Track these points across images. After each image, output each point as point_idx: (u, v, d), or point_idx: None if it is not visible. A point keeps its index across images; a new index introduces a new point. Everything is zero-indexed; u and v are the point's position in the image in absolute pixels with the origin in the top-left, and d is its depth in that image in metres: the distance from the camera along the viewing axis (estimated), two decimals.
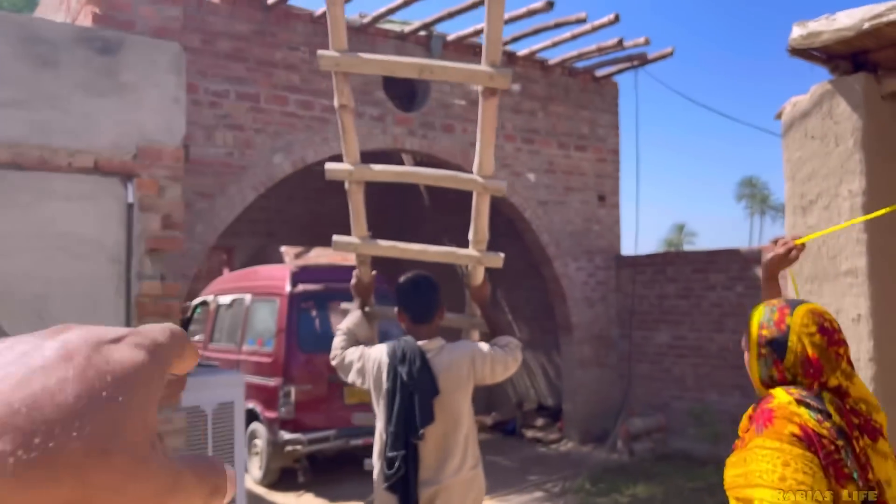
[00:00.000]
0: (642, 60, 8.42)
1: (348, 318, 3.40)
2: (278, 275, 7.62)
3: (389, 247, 3.43)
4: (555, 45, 8.04)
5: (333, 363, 3.25)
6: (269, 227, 12.14)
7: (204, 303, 9.09)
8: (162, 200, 4.16)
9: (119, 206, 4.04)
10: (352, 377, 3.17)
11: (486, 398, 11.00)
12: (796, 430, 1.48)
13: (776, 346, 1.62)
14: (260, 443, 7.28)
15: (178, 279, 6.28)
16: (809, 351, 1.59)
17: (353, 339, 3.30)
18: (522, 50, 8.47)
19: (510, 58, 8.52)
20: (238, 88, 6.72)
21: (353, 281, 3.43)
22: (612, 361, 9.28)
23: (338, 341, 3.27)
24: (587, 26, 7.72)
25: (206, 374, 5.02)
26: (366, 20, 7.37)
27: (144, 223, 4.08)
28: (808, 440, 1.46)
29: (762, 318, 1.67)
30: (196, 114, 6.48)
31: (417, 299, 3.15)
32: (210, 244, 6.54)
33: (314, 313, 7.43)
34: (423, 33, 7.83)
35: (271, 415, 7.08)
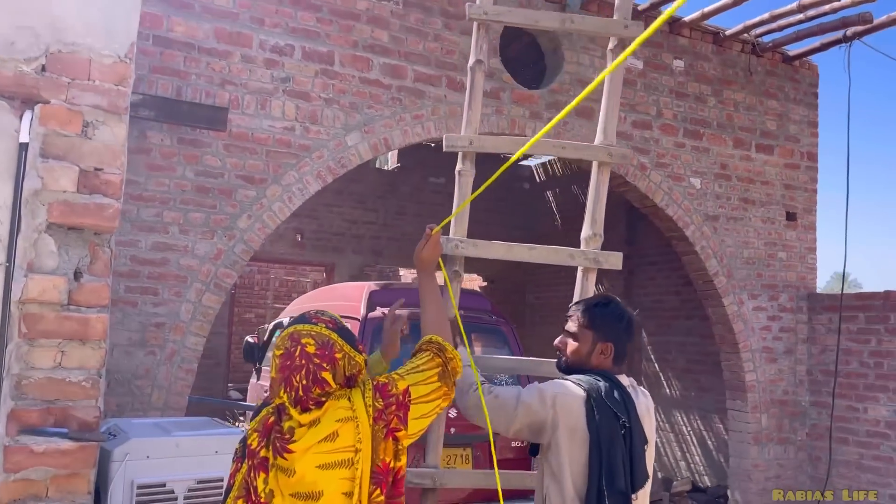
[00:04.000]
0: (865, 25, 6.06)
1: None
2: (354, 294, 5.89)
3: (494, 247, 2.82)
4: (724, 7, 5.87)
5: (462, 403, 2.37)
6: (375, 245, 10.58)
7: (281, 325, 7.54)
8: (86, 144, 2.49)
9: (6, 146, 2.41)
10: (515, 426, 2.29)
11: None
12: None
13: None
14: None
15: (211, 290, 4.71)
16: (272, 371, 1.88)
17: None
18: (691, 14, 6.39)
19: (672, 25, 6.46)
20: (306, 45, 5.11)
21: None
22: (801, 439, 6.82)
23: (470, 374, 2.39)
24: None
25: (181, 429, 3.30)
26: None
27: (47, 178, 2.42)
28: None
29: None
30: (246, 73, 4.91)
31: (630, 336, 2.44)
32: (256, 245, 4.91)
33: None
34: None
35: None
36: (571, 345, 2.39)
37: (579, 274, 2.71)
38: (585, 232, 2.75)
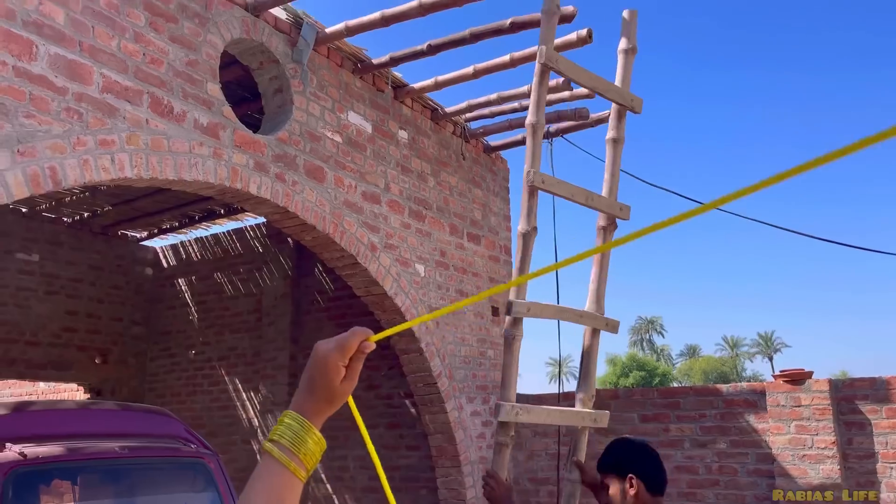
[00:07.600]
0: (581, 120, 6.02)
1: None
2: None
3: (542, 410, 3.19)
4: (451, 82, 5.37)
5: None
6: None
7: None
8: None
9: None
10: None
11: None
12: None
13: None
14: None
15: None
16: None
17: None
18: (419, 82, 5.70)
19: (396, 91, 5.68)
20: None
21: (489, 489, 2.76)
22: None
23: None
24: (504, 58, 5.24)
25: None
26: None
27: None
28: None
29: None
30: None
31: (658, 464, 2.45)
32: None
33: None
34: (284, 16, 4.73)
35: None
36: (613, 496, 2.39)
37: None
38: (582, 393, 3.16)
